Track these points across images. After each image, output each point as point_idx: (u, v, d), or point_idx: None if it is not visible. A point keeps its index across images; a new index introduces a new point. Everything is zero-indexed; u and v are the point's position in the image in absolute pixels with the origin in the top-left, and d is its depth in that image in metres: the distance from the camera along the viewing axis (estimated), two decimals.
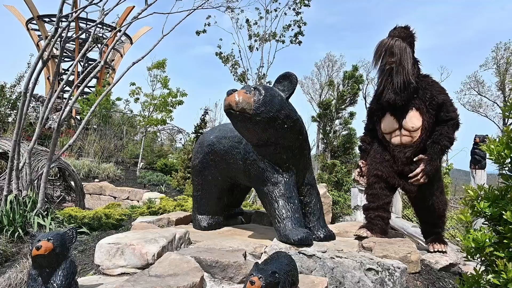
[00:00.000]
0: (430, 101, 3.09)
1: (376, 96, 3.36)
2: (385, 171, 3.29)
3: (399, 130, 3.24)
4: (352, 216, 6.93)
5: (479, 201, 1.90)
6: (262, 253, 2.77)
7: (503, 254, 1.74)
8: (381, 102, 3.26)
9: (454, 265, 3.13)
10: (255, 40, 10.16)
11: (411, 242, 3.06)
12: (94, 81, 21.01)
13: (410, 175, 3.14)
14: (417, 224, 7.45)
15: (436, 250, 3.25)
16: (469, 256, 1.84)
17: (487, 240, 1.79)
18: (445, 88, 3.19)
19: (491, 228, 1.90)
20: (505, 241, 1.76)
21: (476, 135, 9.68)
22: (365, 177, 3.50)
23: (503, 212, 1.77)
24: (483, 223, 1.96)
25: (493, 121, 26.23)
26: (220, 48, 10.31)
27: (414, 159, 3.17)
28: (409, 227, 5.64)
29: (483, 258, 1.85)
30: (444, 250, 3.25)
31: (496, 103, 25.92)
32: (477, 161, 9.95)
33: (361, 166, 3.50)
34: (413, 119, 3.17)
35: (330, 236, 3.05)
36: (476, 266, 1.87)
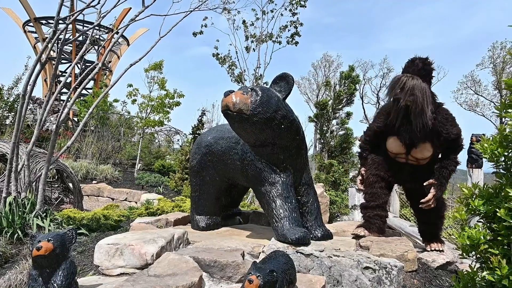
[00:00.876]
0: (445, 137, 3.07)
1: (384, 119, 3.26)
2: (386, 171, 3.31)
3: (406, 155, 3.23)
4: (349, 215, 6.95)
5: (473, 199, 1.93)
6: (260, 253, 2.79)
7: (498, 251, 1.76)
8: (390, 128, 3.19)
9: (451, 264, 3.16)
10: (252, 41, 10.20)
11: (408, 241, 3.09)
12: (91, 83, 20.96)
13: (422, 200, 3.14)
14: (415, 224, 7.49)
15: (433, 249, 3.30)
16: (464, 254, 1.87)
17: (482, 237, 1.82)
18: (455, 117, 3.16)
19: (485, 226, 1.92)
20: (499, 238, 1.79)
21: (472, 134, 9.73)
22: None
23: (497, 209, 1.79)
24: (478, 221, 1.99)
25: (490, 120, 26.38)
26: (217, 49, 10.34)
27: (424, 184, 3.16)
28: (406, 226, 5.68)
29: (478, 255, 1.88)
30: (441, 249, 3.30)
31: (493, 102, 26.06)
32: (474, 160, 10.00)
33: (363, 173, 3.48)
34: (424, 151, 3.16)
35: (327, 235, 3.07)
36: (472, 264, 1.89)
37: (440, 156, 3.23)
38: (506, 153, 1.87)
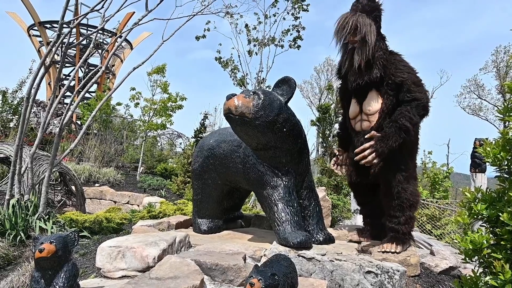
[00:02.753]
0: (387, 81, 2.78)
1: (342, 78, 3.10)
2: (355, 176, 3.13)
3: (360, 114, 2.97)
4: (351, 220, 6.93)
5: (476, 203, 1.92)
6: (261, 256, 2.78)
7: (501, 256, 1.75)
8: (346, 85, 3.00)
9: (454, 268, 3.14)
10: (254, 45, 10.22)
11: (410, 245, 3.07)
12: (94, 86, 21.08)
13: (357, 150, 2.78)
14: (418, 229, 7.46)
15: (384, 250, 2.81)
16: (467, 258, 1.86)
17: (485, 241, 1.81)
18: (412, 67, 2.84)
19: (488, 230, 1.92)
20: (502, 242, 1.78)
21: (476, 138, 9.70)
22: (343, 166, 3.26)
23: (500, 214, 1.79)
24: (480, 225, 1.98)
25: (493, 124, 26.27)
26: (219, 53, 10.36)
27: (366, 136, 2.82)
28: None
29: (481, 260, 1.87)
30: (395, 250, 2.79)
31: (496, 106, 25.97)
32: (477, 165, 9.96)
33: (338, 154, 3.25)
34: (371, 101, 2.87)
35: (329, 239, 3.07)
36: (475, 268, 1.88)
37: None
38: (509, 157, 1.87)
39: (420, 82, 2.80)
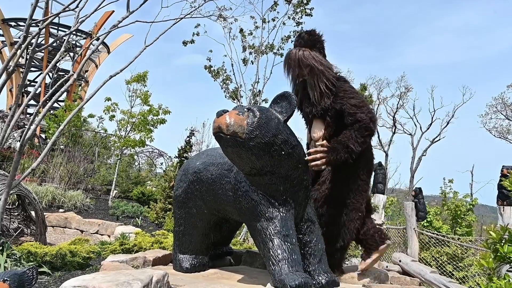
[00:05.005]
0: (329, 109, 3.31)
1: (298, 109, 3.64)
2: None
3: (312, 141, 3.49)
4: (358, 258, 6.88)
5: (503, 244, 1.94)
6: None
7: None
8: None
9: None
10: (250, 53, 10.36)
11: None
12: (63, 95, 21.12)
13: (310, 150, 3.17)
14: (437, 270, 7.43)
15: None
16: None
17: None
18: (353, 90, 3.37)
19: None
20: None
21: (503, 166, 9.80)
22: None
23: None
24: (508, 270, 1.98)
25: None
26: (209, 61, 10.49)
27: (317, 143, 3.30)
28: (427, 273, 5.63)
29: None
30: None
31: None
32: (505, 196, 10.02)
33: None
34: (315, 129, 3.42)
35: (333, 282, 3.05)
36: None
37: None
38: None
39: (360, 103, 3.25)
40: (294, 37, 10.21)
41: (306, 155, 3.13)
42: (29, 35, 4.09)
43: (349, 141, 3.10)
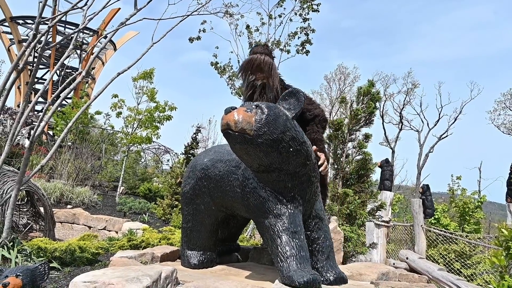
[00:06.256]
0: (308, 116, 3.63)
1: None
2: None
3: None
4: (367, 255, 6.88)
5: None
6: None
7: None
8: None
9: None
10: None
11: None
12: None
13: (321, 162, 3.35)
14: (444, 267, 7.40)
15: None
16: None
17: None
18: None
19: None
20: None
21: None
22: None
23: None
24: None
25: None
26: (216, 58, 10.49)
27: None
28: (434, 270, 5.62)
29: None
30: None
31: None
32: None
33: None
34: None
35: (341, 279, 3.05)
36: None
37: None
38: None
39: (312, 100, 3.82)
40: (300, 33, 10.20)
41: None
42: (38, 33, 4.13)
43: (318, 134, 3.60)
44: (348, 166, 7.20)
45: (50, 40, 20.34)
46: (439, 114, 32.07)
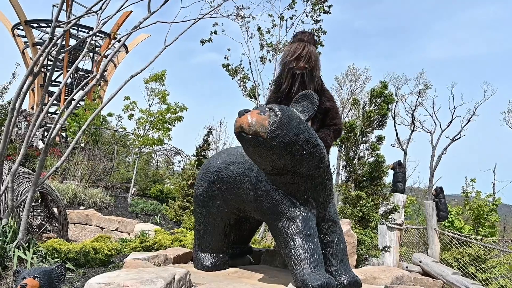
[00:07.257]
0: (319, 106, 3.48)
1: (282, 94, 3.70)
2: None
3: None
4: (379, 259, 6.82)
5: None
6: None
7: None
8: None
9: None
10: (268, 51, 10.35)
11: None
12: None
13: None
14: (459, 271, 7.31)
15: None
16: None
17: None
18: (333, 96, 3.83)
19: None
20: None
21: None
22: None
23: None
24: None
25: None
26: (227, 59, 10.51)
27: None
28: (448, 274, 5.55)
29: None
30: None
31: None
32: None
33: None
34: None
35: (355, 283, 3.03)
36: None
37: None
38: None
39: (338, 110, 3.81)
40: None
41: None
42: (54, 37, 4.19)
43: (327, 137, 3.54)
44: (361, 168, 7.15)
45: (64, 43, 20.60)
46: (452, 115, 31.66)
